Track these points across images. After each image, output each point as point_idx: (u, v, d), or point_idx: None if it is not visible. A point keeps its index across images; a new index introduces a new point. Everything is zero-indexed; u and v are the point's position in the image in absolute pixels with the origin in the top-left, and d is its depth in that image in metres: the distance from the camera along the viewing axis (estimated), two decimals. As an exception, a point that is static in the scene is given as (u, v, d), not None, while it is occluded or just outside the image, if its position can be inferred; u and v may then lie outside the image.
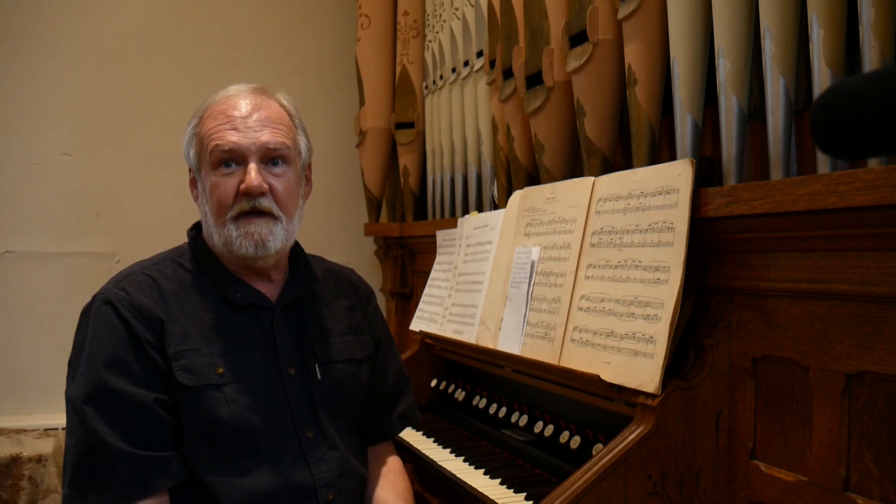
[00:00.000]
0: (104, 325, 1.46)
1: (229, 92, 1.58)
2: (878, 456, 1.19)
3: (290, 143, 1.56)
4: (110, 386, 1.41)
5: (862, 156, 0.77)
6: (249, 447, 1.48)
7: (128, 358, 1.44)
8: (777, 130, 1.36)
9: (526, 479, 1.69)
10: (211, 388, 1.47)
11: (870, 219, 1.15)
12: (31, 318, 3.28)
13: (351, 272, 1.85)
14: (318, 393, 1.58)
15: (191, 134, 1.58)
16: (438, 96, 2.95)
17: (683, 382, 1.42)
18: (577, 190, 1.78)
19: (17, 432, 3.00)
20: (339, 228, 3.67)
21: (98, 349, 1.44)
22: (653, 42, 1.67)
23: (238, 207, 1.50)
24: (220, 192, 1.51)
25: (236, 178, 1.50)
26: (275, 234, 1.52)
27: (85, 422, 1.40)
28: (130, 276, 1.53)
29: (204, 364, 1.48)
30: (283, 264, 1.65)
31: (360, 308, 1.77)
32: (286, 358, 1.57)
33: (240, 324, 1.55)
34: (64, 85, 3.35)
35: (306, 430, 1.55)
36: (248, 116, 1.52)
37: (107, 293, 1.50)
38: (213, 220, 1.53)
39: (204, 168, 1.55)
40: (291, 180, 1.56)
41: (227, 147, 1.50)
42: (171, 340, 1.47)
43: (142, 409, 1.42)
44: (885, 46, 1.20)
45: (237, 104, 1.54)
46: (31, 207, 3.31)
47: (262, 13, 3.68)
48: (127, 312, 1.46)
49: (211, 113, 1.55)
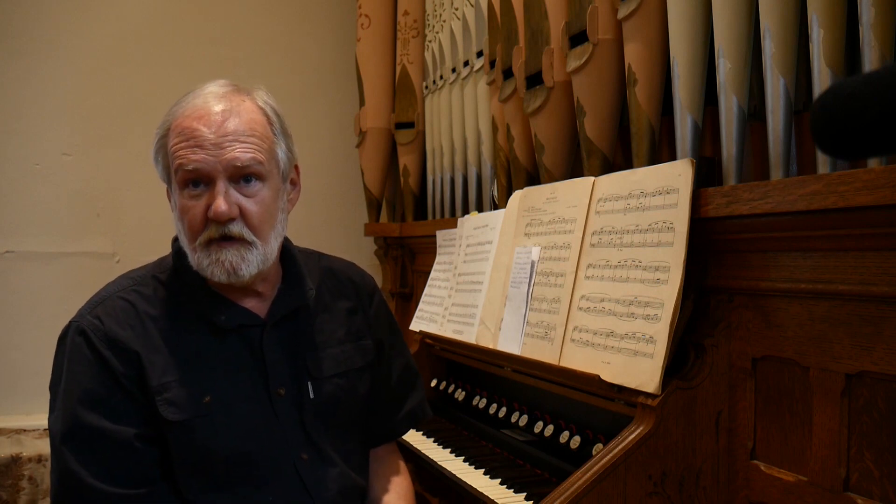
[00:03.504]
0: (79, 358, 1.40)
1: (198, 98, 1.42)
2: (878, 456, 1.19)
3: (263, 158, 1.41)
4: (86, 423, 1.36)
5: (862, 156, 0.77)
6: (244, 475, 1.43)
7: (104, 393, 1.38)
8: (777, 130, 1.36)
9: (526, 479, 1.69)
10: (199, 419, 1.40)
11: (870, 219, 1.15)
12: (31, 318, 3.27)
13: (352, 267, 1.74)
14: (310, 412, 1.51)
15: (157, 146, 1.45)
16: (438, 96, 2.95)
17: (683, 382, 1.42)
18: (577, 190, 1.77)
19: (17, 432, 3.00)
20: (339, 228, 3.67)
21: (73, 384, 1.39)
22: (653, 42, 1.67)
23: (207, 234, 1.39)
24: (188, 216, 1.40)
25: (204, 200, 1.38)
26: (247, 260, 1.41)
27: (63, 461, 1.36)
28: (107, 301, 1.45)
29: (189, 395, 1.40)
30: (273, 276, 1.54)
31: (361, 309, 1.67)
32: (276, 378, 1.49)
33: (227, 346, 1.47)
34: (64, 85, 3.35)
35: (300, 453, 1.48)
36: (216, 130, 1.37)
37: (81, 321, 1.43)
38: (185, 241, 1.44)
39: (172, 185, 1.44)
40: (267, 198, 1.43)
41: (191, 167, 1.37)
42: (151, 372, 1.40)
43: (120, 446, 1.37)
44: (885, 46, 1.20)
45: (204, 114, 1.39)
46: (31, 207, 3.31)
47: (262, 13, 3.68)
48: (101, 345, 1.39)
49: (177, 125, 1.41)
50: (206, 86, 1.46)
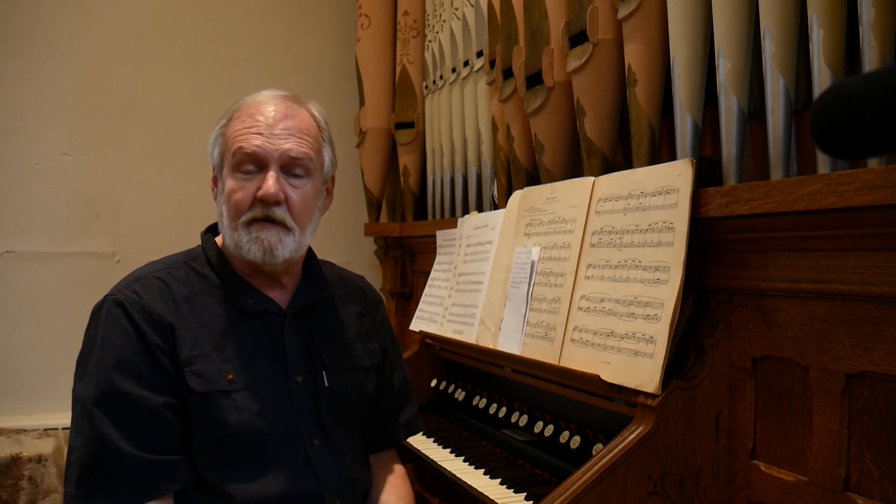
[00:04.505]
0: (115, 328, 1.46)
1: (261, 97, 1.57)
2: (878, 456, 1.19)
3: (313, 155, 1.55)
4: (120, 389, 1.41)
5: (862, 156, 0.77)
6: (257, 454, 1.49)
7: (138, 362, 1.44)
8: (777, 130, 1.36)
9: (526, 479, 1.69)
10: (221, 394, 1.47)
11: (870, 219, 1.15)
12: (31, 318, 3.28)
13: (361, 279, 1.86)
14: (325, 401, 1.59)
15: (217, 133, 1.58)
16: (438, 96, 2.95)
17: (683, 382, 1.42)
18: (577, 190, 1.78)
19: (17, 432, 3.00)
20: (339, 228, 3.67)
21: (108, 351, 1.44)
22: (653, 42, 1.67)
23: (252, 213, 1.50)
24: (237, 196, 1.50)
25: (255, 183, 1.50)
26: (284, 243, 1.52)
27: (94, 424, 1.40)
28: (143, 279, 1.53)
29: (215, 370, 1.48)
30: (295, 271, 1.65)
31: (369, 315, 1.78)
32: (294, 366, 1.57)
33: (250, 330, 1.55)
34: (64, 85, 3.35)
35: (312, 438, 1.55)
36: (275, 123, 1.51)
37: (118, 295, 1.49)
38: (227, 221, 1.53)
39: (225, 168, 1.54)
40: (309, 193, 1.55)
41: (250, 150, 1.49)
42: (182, 345, 1.47)
43: (151, 413, 1.42)
44: (885, 46, 1.20)
45: (266, 109, 1.53)
46: (31, 207, 3.31)
47: (262, 13, 3.68)
48: (138, 316, 1.46)
49: (240, 115, 1.54)
50: (264, 91, 1.59)
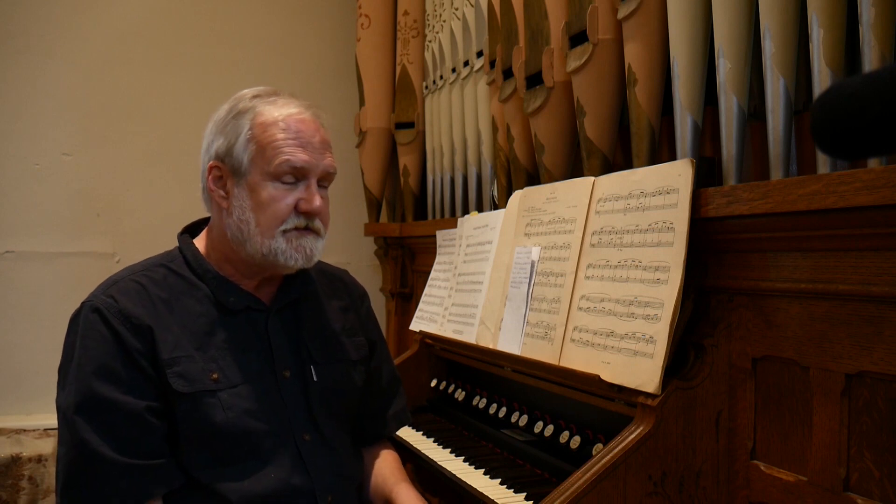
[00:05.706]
0: (92, 334, 1.45)
1: (290, 106, 1.56)
2: (878, 456, 1.19)
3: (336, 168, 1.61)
4: (100, 395, 1.41)
5: (862, 156, 0.77)
6: (247, 451, 1.49)
7: (117, 367, 1.43)
8: (777, 130, 1.36)
9: (526, 479, 1.69)
10: (206, 394, 1.47)
11: (870, 219, 1.15)
12: (31, 318, 3.27)
13: (344, 273, 1.87)
14: (314, 395, 1.60)
15: (245, 136, 1.53)
16: (438, 96, 2.95)
17: (683, 382, 1.42)
18: (577, 190, 1.78)
19: (17, 432, 3.00)
20: (338, 228, 3.64)
21: (87, 358, 1.43)
22: (653, 42, 1.67)
23: (294, 223, 1.53)
24: (277, 205, 1.52)
25: (295, 194, 1.53)
26: (317, 249, 1.58)
27: (75, 432, 1.39)
28: (119, 283, 1.52)
29: (198, 370, 1.48)
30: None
31: (353, 309, 1.79)
32: (281, 361, 1.58)
33: (234, 328, 1.55)
34: (64, 85, 3.35)
35: (303, 433, 1.56)
36: (312, 136, 1.55)
37: (95, 300, 1.49)
38: (257, 229, 1.52)
39: (257, 175, 1.52)
40: (328, 201, 1.61)
41: (299, 164, 1.52)
42: (162, 347, 1.46)
43: (132, 418, 1.42)
44: (885, 46, 1.20)
45: (302, 121, 1.55)
46: (31, 207, 3.31)
47: (262, 13, 3.68)
48: (115, 321, 1.45)
49: (273, 121, 1.53)
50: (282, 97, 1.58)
